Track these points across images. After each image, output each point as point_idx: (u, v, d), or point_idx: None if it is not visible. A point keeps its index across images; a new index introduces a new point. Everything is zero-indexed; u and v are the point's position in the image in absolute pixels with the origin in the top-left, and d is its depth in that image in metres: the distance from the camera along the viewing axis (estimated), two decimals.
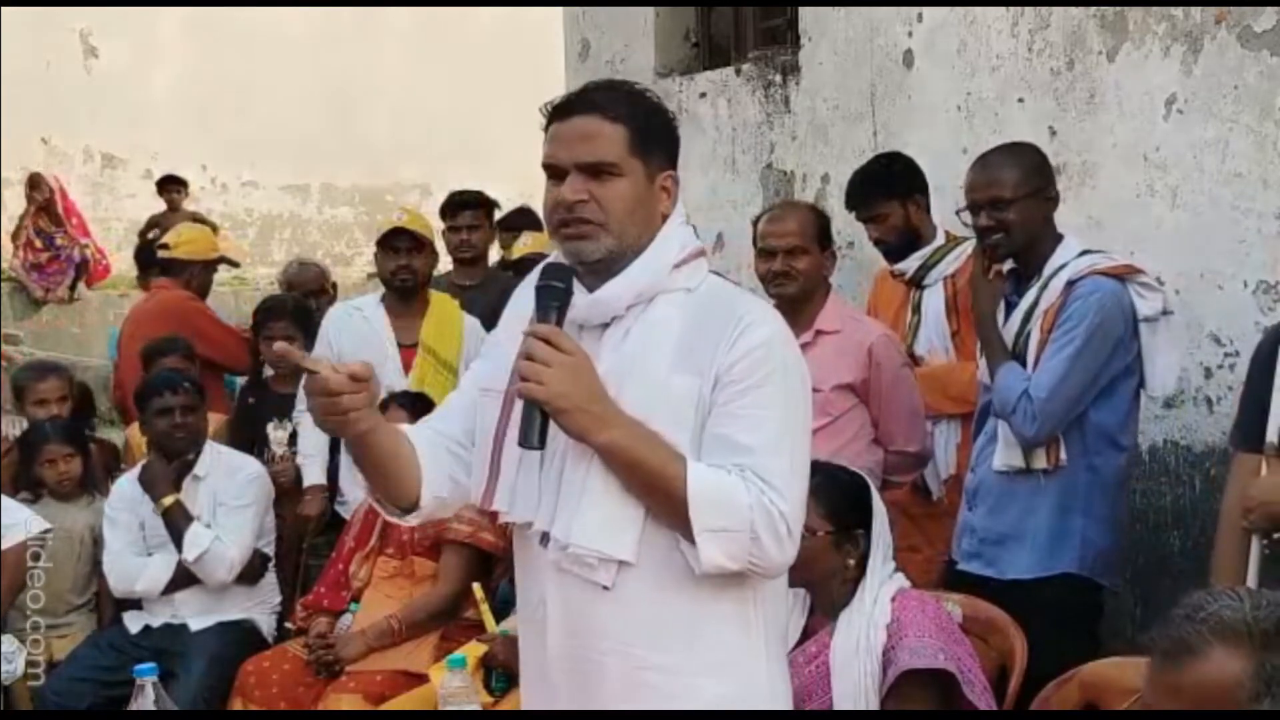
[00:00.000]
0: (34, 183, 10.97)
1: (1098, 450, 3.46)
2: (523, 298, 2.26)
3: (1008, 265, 3.61)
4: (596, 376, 2.09)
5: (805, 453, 2.16)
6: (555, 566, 2.16)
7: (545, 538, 2.16)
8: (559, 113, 2.20)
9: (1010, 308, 3.57)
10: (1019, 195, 3.46)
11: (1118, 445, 3.49)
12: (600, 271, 2.16)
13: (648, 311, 2.17)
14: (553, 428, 2.08)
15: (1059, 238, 3.54)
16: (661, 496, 2.08)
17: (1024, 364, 3.46)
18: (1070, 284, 3.41)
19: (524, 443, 2.09)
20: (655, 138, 2.20)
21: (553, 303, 2.14)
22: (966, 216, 3.59)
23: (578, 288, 2.16)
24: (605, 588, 2.12)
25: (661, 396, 2.11)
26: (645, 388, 2.11)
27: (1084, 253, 3.48)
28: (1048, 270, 3.48)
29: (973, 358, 3.81)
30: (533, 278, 2.20)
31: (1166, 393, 3.69)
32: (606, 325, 2.19)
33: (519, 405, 2.10)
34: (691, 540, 2.07)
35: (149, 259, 6.46)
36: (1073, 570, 3.44)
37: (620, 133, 2.15)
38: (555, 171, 2.17)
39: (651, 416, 2.10)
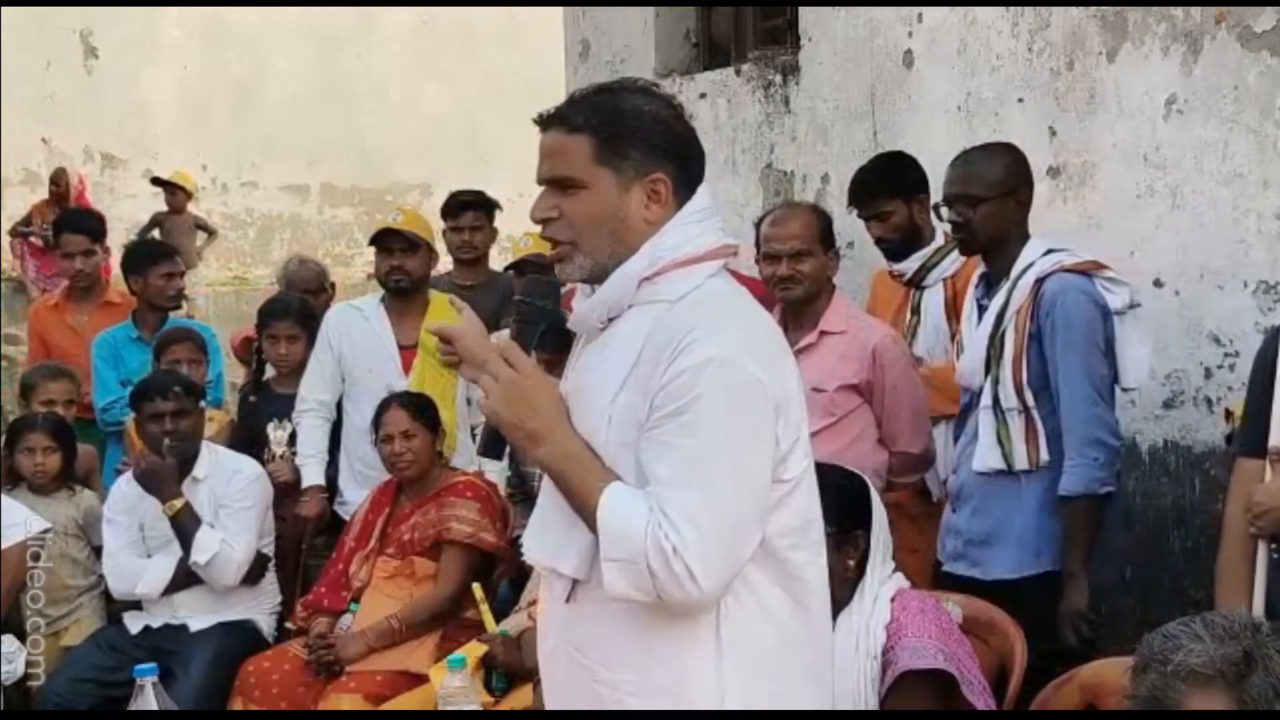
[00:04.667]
0: (55, 178, 10.94)
1: None
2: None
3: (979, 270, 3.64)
4: (544, 393, 2.07)
5: (731, 487, 1.97)
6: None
7: None
8: (539, 127, 2.14)
9: (981, 310, 3.59)
10: (991, 195, 3.50)
11: None
12: (599, 284, 2.12)
13: (617, 326, 2.10)
14: None
15: (1026, 238, 3.56)
16: (584, 520, 2.03)
17: (1000, 364, 3.46)
18: (1039, 281, 3.43)
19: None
20: (631, 141, 2.08)
21: (522, 319, 2.22)
22: (945, 211, 3.61)
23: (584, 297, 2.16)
24: (566, 600, 2.11)
25: (605, 416, 2.03)
26: (591, 407, 2.06)
27: (1049, 251, 3.50)
28: (1015, 270, 3.50)
29: None
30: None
31: (1140, 385, 3.68)
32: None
33: None
34: None
35: None
36: (1056, 569, 3.43)
37: (582, 143, 2.08)
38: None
39: (595, 436, 2.04)
